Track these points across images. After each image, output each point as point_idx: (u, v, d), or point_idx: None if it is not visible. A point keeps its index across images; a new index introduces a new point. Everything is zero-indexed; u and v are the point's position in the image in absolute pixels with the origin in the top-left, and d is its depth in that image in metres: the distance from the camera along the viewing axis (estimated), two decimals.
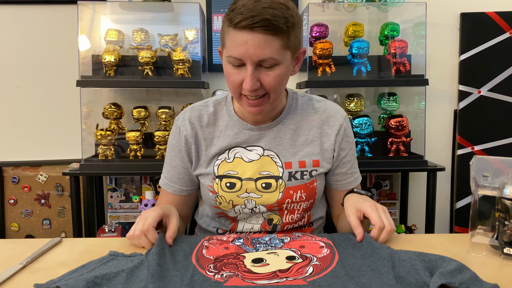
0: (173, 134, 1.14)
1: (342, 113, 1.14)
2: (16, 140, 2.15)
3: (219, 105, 1.13)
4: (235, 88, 0.99)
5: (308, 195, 1.10)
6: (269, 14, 0.90)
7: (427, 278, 0.75)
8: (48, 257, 0.94)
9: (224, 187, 1.08)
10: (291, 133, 1.10)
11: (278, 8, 0.92)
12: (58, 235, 2.15)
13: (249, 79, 0.94)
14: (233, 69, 0.97)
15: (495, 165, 0.94)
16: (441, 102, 2.18)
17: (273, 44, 0.93)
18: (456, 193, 2.20)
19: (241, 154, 1.09)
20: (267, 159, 1.09)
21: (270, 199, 1.08)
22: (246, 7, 0.91)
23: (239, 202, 1.09)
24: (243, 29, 0.91)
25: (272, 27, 0.91)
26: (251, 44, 0.91)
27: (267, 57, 0.93)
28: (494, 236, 0.94)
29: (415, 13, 2.02)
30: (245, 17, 0.90)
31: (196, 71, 1.90)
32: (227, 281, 0.77)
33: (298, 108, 1.12)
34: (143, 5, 1.95)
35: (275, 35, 0.92)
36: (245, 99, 1.00)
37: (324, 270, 0.81)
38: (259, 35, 0.91)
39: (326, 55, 1.90)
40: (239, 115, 1.11)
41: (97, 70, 1.92)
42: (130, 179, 2.14)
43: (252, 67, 0.94)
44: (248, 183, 1.08)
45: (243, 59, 0.94)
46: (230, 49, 0.95)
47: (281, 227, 1.12)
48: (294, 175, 1.08)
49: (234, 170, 1.08)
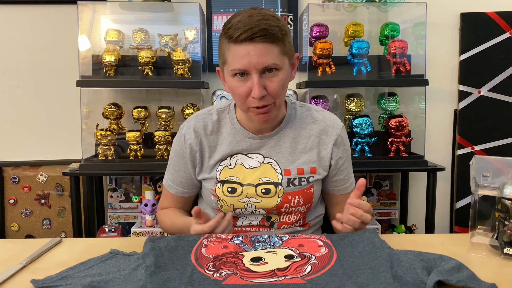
0: (178, 141, 1.20)
1: (340, 123, 1.20)
2: (16, 140, 2.15)
3: (222, 113, 1.19)
4: (243, 100, 1.05)
5: (305, 200, 1.15)
6: (265, 25, 0.98)
7: (424, 277, 0.75)
8: (48, 257, 0.94)
9: (226, 192, 1.14)
10: (290, 142, 1.16)
11: (271, 19, 1.00)
12: (58, 235, 2.15)
13: (257, 86, 1.00)
14: (238, 82, 1.03)
15: (495, 165, 0.94)
16: (441, 102, 2.18)
17: (273, 51, 1.00)
18: (456, 193, 2.20)
19: (242, 161, 1.15)
20: (267, 166, 1.14)
21: (269, 203, 1.14)
22: (242, 22, 0.98)
23: (239, 206, 1.14)
24: (244, 41, 0.98)
25: (270, 36, 0.98)
26: (254, 54, 0.98)
27: (269, 63, 1.00)
28: (494, 236, 0.94)
29: (415, 13, 2.02)
30: (243, 30, 0.97)
31: (196, 71, 1.90)
32: (226, 279, 0.77)
33: (297, 117, 1.18)
34: (143, 5, 1.95)
35: (273, 42, 1.00)
36: (253, 109, 1.06)
37: (322, 269, 0.81)
38: (259, 44, 0.98)
39: (326, 55, 1.90)
40: (241, 123, 1.16)
41: (97, 70, 1.92)
42: (130, 179, 2.14)
43: (257, 76, 1.00)
44: (248, 188, 1.13)
45: (247, 69, 1.00)
46: (233, 63, 1.01)
47: (278, 225, 1.17)
48: (293, 181, 1.14)
49: (235, 175, 1.14)
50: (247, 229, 1.17)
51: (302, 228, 1.21)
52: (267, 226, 1.17)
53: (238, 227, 1.18)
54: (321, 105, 1.94)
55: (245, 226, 1.17)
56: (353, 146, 1.91)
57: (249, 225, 1.17)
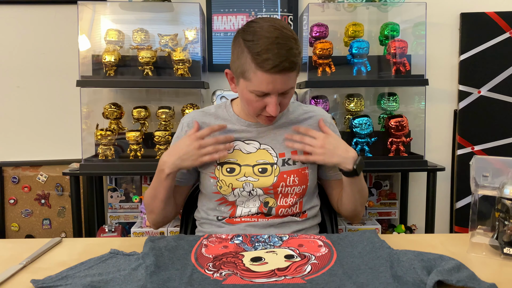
0: (178, 131, 1.29)
1: (328, 114, 1.31)
2: (16, 140, 2.15)
3: (219, 108, 1.29)
4: (256, 112, 1.15)
5: (300, 180, 1.21)
6: (292, 56, 1.04)
7: (424, 277, 0.75)
8: (48, 257, 0.94)
9: (225, 172, 1.21)
10: (284, 131, 1.25)
11: (293, 46, 1.06)
12: (58, 235, 2.15)
13: (275, 107, 1.10)
14: (255, 97, 1.11)
15: (495, 165, 0.94)
16: (441, 102, 2.18)
17: (293, 77, 1.10)
18: (456, 193, 2.20)
19: (240, 147, 1.23)
20: (263, 151, 1.23)
21: (266, 182, 1.19)
22: (271, 52, 1.03)
23: (238, 185, 1.20)
24: (273, 73, 1.04)
25: (294, 66, 1.07)
26: (279, 83, 1.07)
27: (289, 87, 1.11)
28: (494, 236, 0.94)
29: (415, 13, 2.02)
30: (275, 64, 1.03)
31: (196, 71, 1.90)
32: (226, 279, 0.77)
33: (290, 110, 1.28)
34: (143, 5, 1.95)
35: (295, 69, 1.09)
36: (262, 117, 1.16)
37: (322, 269, 0.81)
38: (285, 74, 1.06)
39: (326, 55, 1.90)
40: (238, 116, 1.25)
41: (97, 70, 1.92)
42: (130, 179, 2.14)
43: (276, 97, 1.10)
44: (246, 168, 1.20)
45: (270, 93, 1.09)
46: (258, 86, 1.08)
47: (276, 210, 1.21)
48: (287, 161, 1.22)
49: (234, 158, 1.22)
50: (246, 219, 1.20)
51: (300, 219, 1.23)
52: (265, 214, 1.20)
53: (238, 217, 1.21)
54: (321, 105, 1.94)
55: (244, 217, 1.20)
56: (353, 146, 1.91)
57: (248, 214, 1.20)
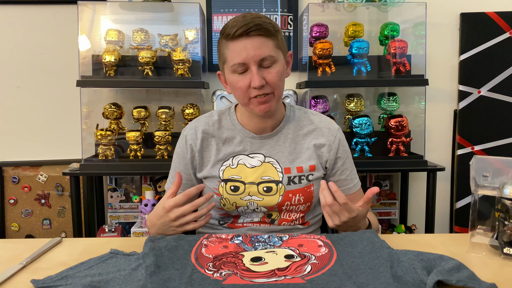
0: (179, 143, 1.24)
1: (335, 125, 1.26)
2: (16, 140, 2.15)
3: (222, 115, 1.24)
4: (244, 93, 1.10)
5: (306, 198, 1.18)
6: (258, 21, 1.06)
7: (424, 277, 0.75)
8: (48, 257, 0.94)
9: (229, 190, 1.17)
10: (290, 142, 1.20)
11: (263, 17, 1.09)
12: (58, 235, 2.15)
13: (256, 77, 1.06)
14: (238, 76, 1.09)
15: (495, 165, 0.94)
16: (441, 102, 2.18)
17: (268, 44, 1.07)
18: (456, 193, 2.20)
19: (244, 161, 1.18)
20: (268, 165, 1.18)
21: (271, 201, 1.17)
22: (236, 21, 1.06)
23: (242, 204, 1.17)
24: (240, 37, 1.05)
25: (264, 30, 1.06)
26: (250, 48, 1.05)
27: (266, 55, 1.07)
28: (494, 236, 0.94)
29: (415, 13, 2.02)
30: (239, 27, 1.05)
31: (196, 71, 1.90)
32: (226, 279, 0.77)
33: (295, 119, 1.23)
34: (143, 5, 1.95)
35: (267, 36, 1.07)
36: (254, 100, 1.10)
37: (322, 269, 0.81)
38: (255, 38, 1.06)
39: (326, 55, 1.90)
40: (242, 124, 1.21)
41: (97, 70, 1.92)
42: (130, 179, 2.14)
43: (256, 67, 1.07)
44: (250, 186, 1.17)
45: (246, 62, 1.06)
46: (232, 58, 1.07)
47: (278, 222, 1.20)
48: (293, 179, 1.18)
49: (238, 174, 1.18)
50: (248, 225, 1.20)
51: (302, 226, 1.23)
52: (268, 223, 1.20)
53: (240, 223, 1.21)
54: (321, 105, 1.94)
55: (246, 223, 1.20)
56: (353, 146, 1.91)
57: (250, 221, 1.20)
